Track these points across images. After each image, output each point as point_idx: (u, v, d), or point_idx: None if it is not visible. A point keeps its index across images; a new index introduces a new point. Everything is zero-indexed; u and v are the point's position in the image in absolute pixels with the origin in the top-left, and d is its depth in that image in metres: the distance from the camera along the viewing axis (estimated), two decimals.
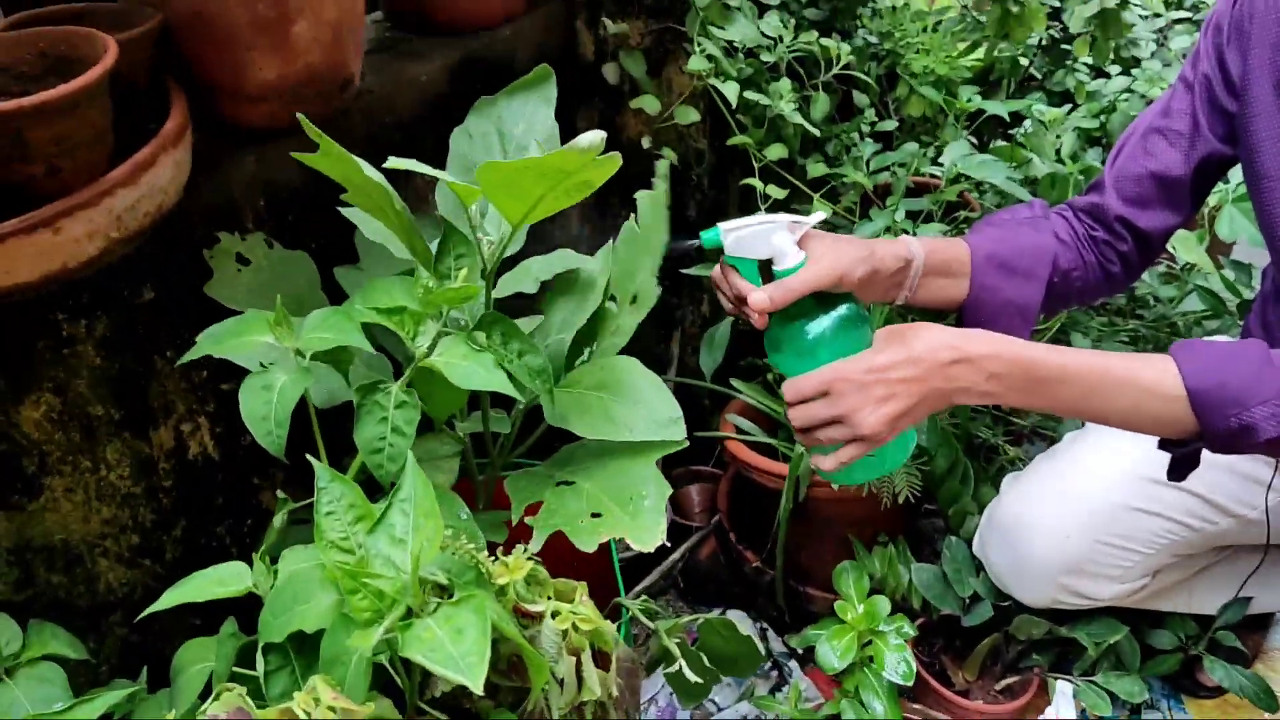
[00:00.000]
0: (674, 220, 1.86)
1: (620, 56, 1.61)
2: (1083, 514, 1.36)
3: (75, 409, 1.19)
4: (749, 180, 1.56)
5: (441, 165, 1.42)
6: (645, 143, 1.63)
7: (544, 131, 1.22)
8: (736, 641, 1.36)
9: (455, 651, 0.71)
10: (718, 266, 1.15)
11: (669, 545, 1.16)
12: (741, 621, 1.76)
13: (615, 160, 0.90)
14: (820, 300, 1.09)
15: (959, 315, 1.29)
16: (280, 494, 1.10)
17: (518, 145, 1.22)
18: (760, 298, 1.07)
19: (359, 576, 0.75)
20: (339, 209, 1.32)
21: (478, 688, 0.68)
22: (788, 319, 1.10)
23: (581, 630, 0.88)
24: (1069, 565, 1.37)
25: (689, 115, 1.57)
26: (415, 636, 0.72)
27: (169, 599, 0.89)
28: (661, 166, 1.24)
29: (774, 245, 1.08)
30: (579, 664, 0.89)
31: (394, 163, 0.96)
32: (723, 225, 1.10)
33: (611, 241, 1.24)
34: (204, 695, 1.00)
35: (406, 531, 0.78)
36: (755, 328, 1.11)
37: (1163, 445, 1.14)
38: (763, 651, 1.65)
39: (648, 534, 0.95)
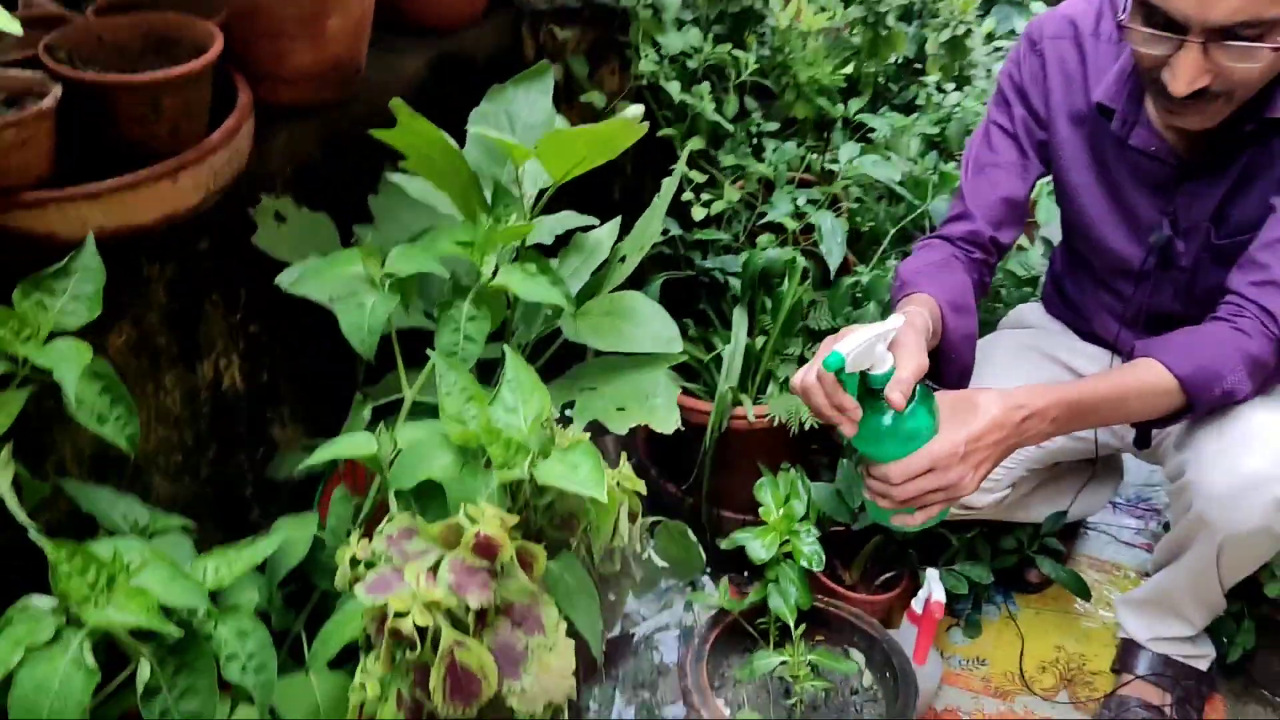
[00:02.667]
0: (601, 200, 2.16)
1: (567, 58, 1.90)
2: None
3: (146, 340, 1.39)
4: (679, 166, 1.87)
5: None
6: None
7: (544, 114, 1.48)
8: (686, 547, 1.66)
9: (578, 478, 0.98)
10: (815, 379, 1.23)
11: None
12: None
13: (644, 128, 1.19)
14: None
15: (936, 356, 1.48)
16: (359, 395, 1.33)
17: (524, 125, 1.48)
18: (896, 396, 1.21)
19: (494, 431, 1.01)
20: (363, 174, 1.55)
21: (603, 497, 0.96)
22: (880, 414, 1.24)
23: (624, 487, 1.16)
24: None
25: (630, 110, 1.87)
26: (545, 470, 0.99)
27: (321, 455, 1.12)
28: (666, 187, 1.49)
29: (876, 354, 1.21)
30: (618, 515, 1.17)
31: (479, 130, 1.22)
32: (839, 348, 1.18)
33: (620, 217, 1.52)
34: (310, 555, 1.22)
35: (516, 403, 1.05)
36: (845, 434, 1.26)
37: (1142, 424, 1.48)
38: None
39: (664, 422, 1.25)
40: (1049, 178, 1.72)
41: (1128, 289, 1.69)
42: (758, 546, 1.71)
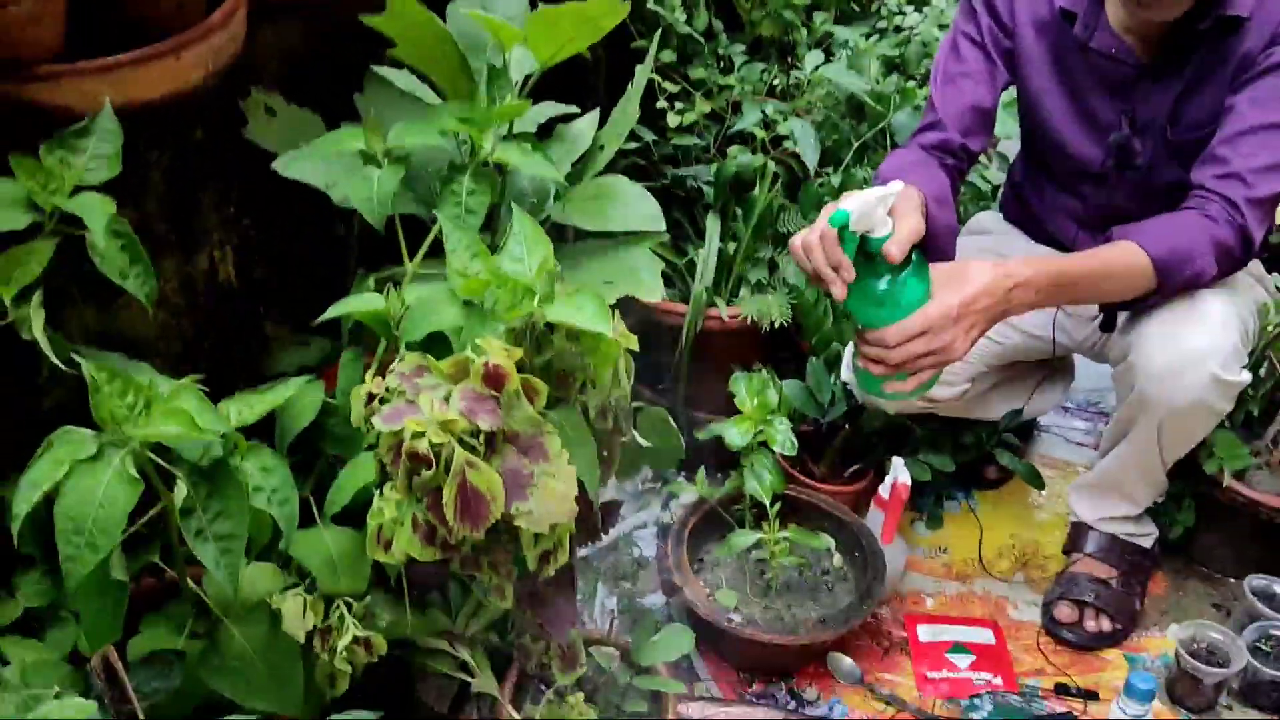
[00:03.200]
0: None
1: None
2: None
3: (146, 225, 1.43)
4: (649, 61, 1.91)
5: None
6: None
7: (519, 7, 1.53)
8: (667, 433, 1.72)
9: (584, 316, 1.05)
10: (816, 239, 1.31)
11: None
12: None
13: (626, 7, 1.25)
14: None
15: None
16: (360, 271, 1.38)
17: (503, 17, 1.52)
18: (893, 250, 1.29)
19: (501, 276, 1.08)
20: (348, 75, 1.60)
21: (609, 331, 1.04)
22: (876, 278, 1.31)
23: (619, 341, 1.23)
24: None
25: None
26: (553, 309, 1.06)
27: (335, 311, 1.18)
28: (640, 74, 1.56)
29: (876, 217, 1.27)
30: (616, 367, 1.24)
31: (468, 10, 1.27)
32: (843, 206, 1.24)
33: (599, 108, 1.59)
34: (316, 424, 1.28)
35: (522, 254, 1.11)
36: (835, 298, 1.32)
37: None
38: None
39: (649, 291, 1.32)
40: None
41: (1087, 190, 1.79)
42: (734, 434, 1.80)
